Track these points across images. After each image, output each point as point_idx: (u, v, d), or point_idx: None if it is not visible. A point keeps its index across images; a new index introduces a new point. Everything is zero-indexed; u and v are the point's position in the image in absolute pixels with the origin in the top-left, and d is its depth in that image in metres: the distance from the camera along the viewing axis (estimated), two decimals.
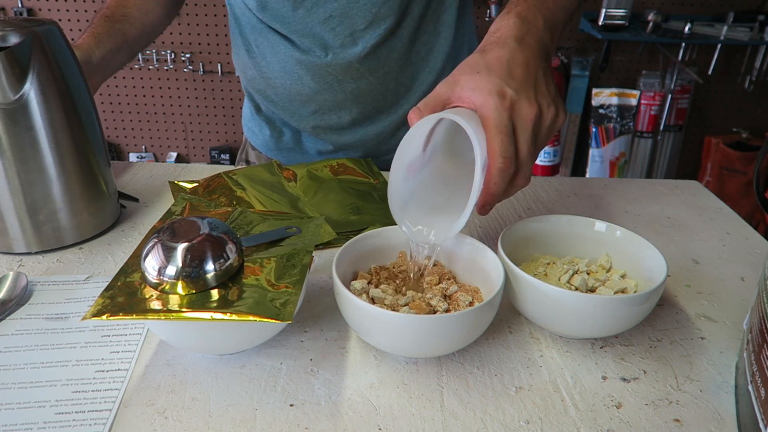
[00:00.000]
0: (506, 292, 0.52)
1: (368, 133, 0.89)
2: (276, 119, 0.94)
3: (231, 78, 2.62)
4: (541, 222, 0.59)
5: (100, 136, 0.67)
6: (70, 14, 2.51)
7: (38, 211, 0.61)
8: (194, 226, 0.47)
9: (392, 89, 0.86)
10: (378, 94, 0.85)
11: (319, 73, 0.83)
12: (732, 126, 2.64)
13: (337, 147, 0.91)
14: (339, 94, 0.85)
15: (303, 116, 0.89)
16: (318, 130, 0.90)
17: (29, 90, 0.57)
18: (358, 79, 0.83)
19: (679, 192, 0.83)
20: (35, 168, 0.60)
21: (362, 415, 0.43)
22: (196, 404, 0.44)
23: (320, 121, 0.88)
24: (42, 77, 0.58)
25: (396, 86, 0.86)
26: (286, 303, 0.44)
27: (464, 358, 0.49)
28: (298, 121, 0.90)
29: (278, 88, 0.87)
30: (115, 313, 0.43)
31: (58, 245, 0.64)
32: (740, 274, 0.64)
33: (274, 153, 0.96)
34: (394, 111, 0.88)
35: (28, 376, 0.46)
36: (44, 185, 0.61)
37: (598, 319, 0.48)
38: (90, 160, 0.64)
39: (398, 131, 0.91)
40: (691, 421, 0.44)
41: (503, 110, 0.51)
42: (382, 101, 0.86)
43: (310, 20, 0.79)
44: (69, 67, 0.62)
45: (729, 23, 2.30)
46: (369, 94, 0.85)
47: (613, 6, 2.25)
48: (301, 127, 0.91)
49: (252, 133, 0.99)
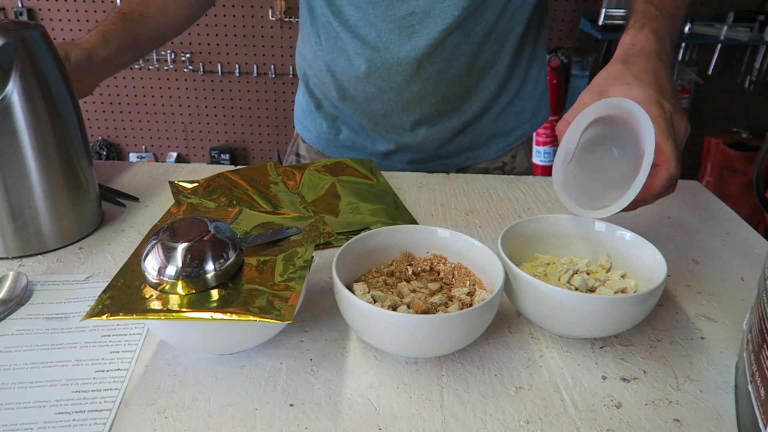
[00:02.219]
0: (506, 292, 0.52)
1: (429, 135, 0.89)
2: (338, 116, 0.94)
3: (231, 78, 2.62)
4: (541, 222, 0.59)
5: (84, 139, 0.66)
6: (70, 14, 2.51)
7: (18, 216, 0.61)
8: (194, 226, 0.47)
9: (457, 93, 0.86)
10: (443, 96, 0.85)
11: (388, 71, 0.83)
12: (732, 126, 2.64)
13: (398, 147, 0.91)
14: (405, 94, 0.85)
15: (367, 113, 0.89)
16: (380, 129, 0.90)
17: (11, 93, 0.57)
18: (426, 79, 0.83)
19: (679, 192, 0.83)
20: (17, 172, 0.59)
21: (362, 415, 0.43)
22: (196, 404, 0.44)
23: (384, 120, 0.89)
24: (24, 81, 0.58)
25: (461, 90, 0.86)
26: (286, 303, 0.44)
27: (464, 358, 0.49)
28: (362, 117, 0.90)
29: (345, 82, 0.87)
30: (115, 313, 0.43)
31: (39, 250, 0.63)
32: (740, 274, 0.64)
33: (331, 150, 0.97)
34: (456, 115, 0.88)
35: (28, 376, 0.46)
36: (25, 189, 0.60)
37: (598, 319, 0.48)
38: (73, 164, 0.64)
39: (458, 135, 0.91)
40: (691, 421, 0.44)
41: (668, 120, 0.52)
42: (446, 104, 0.87)
43: (391, 14, 0.79)
44: (53, 72, 0.61)
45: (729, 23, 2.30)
46: (434, 95, 0.85)
47: (613, 6, 2.25)
48: (364, 124, 0.91)
49: (305, 129, 0.99)
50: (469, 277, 0.54)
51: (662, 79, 0.56)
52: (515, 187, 0.83)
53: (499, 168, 0.97)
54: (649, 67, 0.56)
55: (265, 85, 2.63)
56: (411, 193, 0.80)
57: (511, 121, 0.94)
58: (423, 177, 0.85)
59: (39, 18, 2.51)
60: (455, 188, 0.82)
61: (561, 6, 2.48)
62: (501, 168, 0.97)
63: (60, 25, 2.52)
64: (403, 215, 0.72)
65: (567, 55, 2.49)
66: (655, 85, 0.54)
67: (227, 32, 2.53)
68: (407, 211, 0.73)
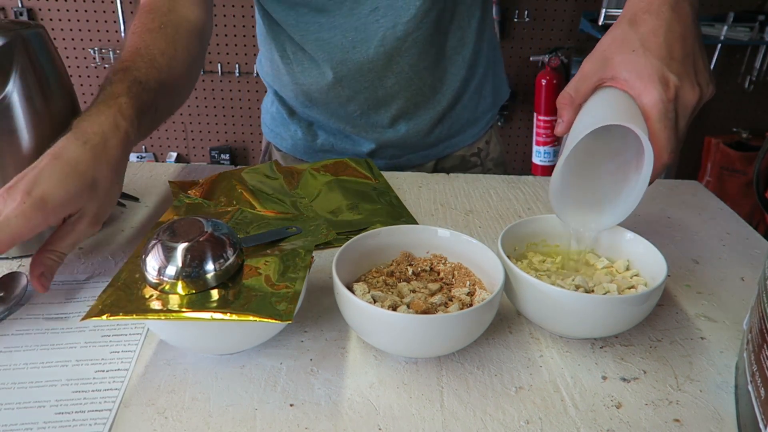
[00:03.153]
0: (506, 292, 0.52)
1: (410, 129, 0.90)
2: (313, 122, 0.93)
3: (231, 78, 2.62)
4: (541, 222, 0.59)
5: None
6: (70, 14, 2.51)
7: None
8: (194, 226, 0.47)
9: (429, 83, 0.86)
10: (417, 88, 0.86)
11: (360, 71, 0.82)
12: (732, 126, 2.64)
13: (380, 145, 0.91)
14: (380, 91, 0.85)
15: (342, 117, 0.89)
16: (359, 129, 0.90)
17: (11, 93, 0.57)
18: (399, 73, 0.83)
19: (679, 192, 0.83)
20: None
21: (362, 415, 0.43)
22: (196, 404, 0.44)
23: (361, 120, 0.89)
24: (24, 81, 0.57)
25: (433, 80, 0.86)
26: (286, 303, 0.44)
27: (464, 358, 0.49)
28: (338, 121, 0.90)
29: (316, 92, 0.86)
30: (115, 313, 0.43)
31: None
32: (740, 274, 0.64)
33: (310, 156, 0.96)
34: (432, 106, 0.89)
35: (28, 376, 0.46)
36: None
37: (598, 319, 0.48)
38: None
39: (436, 126, 0.91)
40: (691, 421, 0.44)
41: (668, 101, 0.48)
42: (421, 96, 0.87)
43: (356, 12, 0.79)
44: (53, 72, 0.61)
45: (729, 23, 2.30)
46: (408, 89, 0.85)
47: (613, 6, 2.25)
48: (342, 128, 0.90)
49: (278, 138, 0.98)
50: (469, 277, 0.54)
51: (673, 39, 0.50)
52: (515, 187, 0.83)
53: (475, 154, 0.98)
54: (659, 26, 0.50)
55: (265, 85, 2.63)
56: (411, 193, 0.80)
57: (483, 104, 0.95)
58: (423, 177, 0.85)
59: (39, 18, 2.51)
60: (455, 188, 0.82)
61: (561, 6, 2.48)
62: (477, 154, 0.98)
63: (60, 25, 2.52)
64: (403, 215, 0.72)
65: (567, 55, 2.49)
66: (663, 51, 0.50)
67: (227, 32, 2.53)
68: (407, 211, 0.73)
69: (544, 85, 2.37)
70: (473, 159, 0.98)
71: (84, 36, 2.55)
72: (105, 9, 2.49)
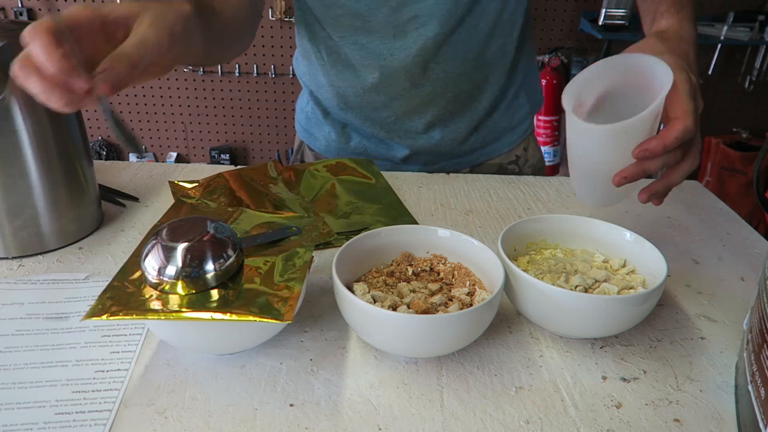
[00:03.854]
0: (506, 292, 0.52)
1: (444, 137, 0.89)
2: (347, 124, 0.93)
3: (231, 78, 2.62)
4: (541, 222, 0.59)
5: (84, 139, 0.66)
6: None
7: (18, 215, 0.61)
8: (194, 226, 0.47)
9: (466, 91, 0.85)
10: (453, 96, 0.85)
11: (396, 78, 0.82)
12: (732, 126, 2.64)
13: (414, 151, 0.90)
14: (415, 99, 0.84)
15: (377, 121, 0.88)
16: (392, 135, 0.89)
17: (11, 92, 0.57)
18: (434, 81, 0.83)
19: (679, 192, 0.83)
20: (17, 172, 0.59)
21: (362, 415, 0.43)
22: (196, 404, 0.44)
23: (396, 126, 0.88)
24: None
25: (470, 88, 0.85)
26: (286, 303, 0.44)
27: (464, 358, 0.49)
28: (372, 125, 0.89)
29: (351, 96, 0.86)
30: (115, 313, 0.43)
31: (39, 250, 0.63)
32: (740, 274, 0.64)
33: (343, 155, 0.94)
34: (468, 114, 0.88)
35: (28, 376, 0.46)
36: (25, 189, 0.60)
37: (598, 319, 0.48)
38: (73, 164, 0.64)
39: (471, 134, 0.90)
40: (691, 421, 0.44)
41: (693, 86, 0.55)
42: (457, 103, 0.86)
43: (393, 19, 0.78)
44: None
45: (729, 23, 2.30)
46: (444, 96, 0.85)
47: (613, 6, 2.25)
48: (376, 132, 0.90)
49: (312, 138, 0.97)
50: (469, 277, 0.54)
51: (692, 61, 0.61)
52: (515, 187, 0.83)
53: (513, 162, 0.96)
54: (681, 47, 0.62)
55: (265, 85, 2.64)
56: (411, 193, 0.80)
57: (520, 112, 0.94)
58: (423, 177, 0.85)
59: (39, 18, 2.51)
60: (455, 188, 0.82)
61: (561, 6, 2.48)
62: (515, 162, 0.97)
63: None
64: (403, 215, 0.72)
65: (567, 55, 2.49)
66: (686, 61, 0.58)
67: None
68: (407, 211, 0.73)
69: (544, 85, 2.38)
70: (511, 167, 0.96)
71: None
72: None
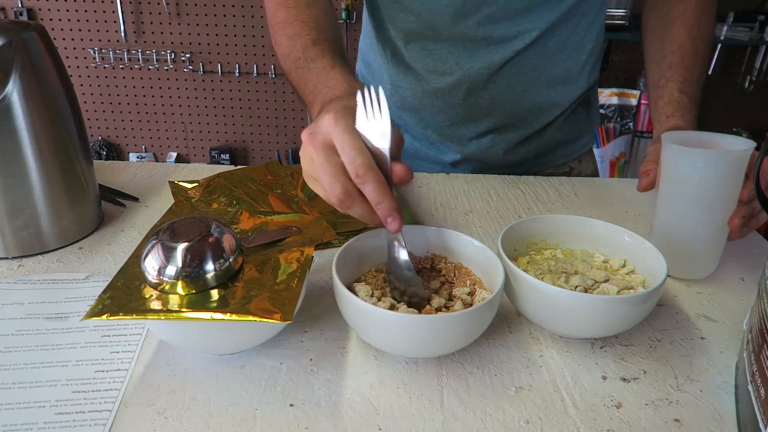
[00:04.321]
0: (506, 292, 0.52)
1: (495, 143, 0.88)
2: (401, 124, 0.92)
3: (231, 78, 2.62)
4: (541, 222, 0.59)
5: (84, 139, 0.66)
6: (70, 14, 2.51)
7: (18, 216, 0.61)
8: (194, 226, 0.47)
9: (527, 107, 0.85)
10: (512, 111, 0.85)
11: (458, 87, 0.82)
12: (732, 126, 2.65)
13: (464, 157, 0.90)
14: (474, 108, 0.84)
15: (431, 124, 0.88)
16: (445, 138, 0.89)
17: (11, 93, 0.57)
18: (495, 93, 0.82)
19: None
20: (17, 172, 0.59)
21: (362, 415, 0.43)
22: (196, 404, 0.44)
23: (449, 131, 0.88)
24: (24, 81, 0.57)
25: (531, 104, 0.85)
26: (286, 303, 0.44)
27: (464, 358, 0.49)
28: (426, 128, 0.89)
29: (410, 97, 0.86)
30: (115, 313, 0.43)
31: (39, 250, 0.63)
32: (740, 274, 0.64)
33: None
34: (523, 127, 0.87)
35: (28, 376, 0.46)
36: (25, 189, 0.60)
37: (598, 319, 0.48)
38: (73, 164, 0.64)
39: (523, 144, 0.90)
40: (691, 421, 0.44)
41: None
42: (515, 117, 0.86)
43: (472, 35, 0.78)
44: (52, 72, 0.61)
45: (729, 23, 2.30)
46: (503, 109, 0.84)
47: (613, 6, 2.25)
48: (428, 134, 0.90)
49: None
50: (470, 277, 0.54)
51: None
52: (515, 187, 0.83)
53: (565, 173, 0.96)
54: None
55: (265, 85, 2.64)
56: (411, 193, 0.80)
57: (577, 128, 0.93)
58: (423, 177, 0.85)
59: (39, 18, 2.51)
60: (455, 188, 0.82)
61: None
62: (567, 173, 0.96)
63: (60, 25, 2.52)
64: (403, 215, 0.72)
65: None
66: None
67: (227, 32, 2.53)
68: (407, 211, 0.73)
69: None
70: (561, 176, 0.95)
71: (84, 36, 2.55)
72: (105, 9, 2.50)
